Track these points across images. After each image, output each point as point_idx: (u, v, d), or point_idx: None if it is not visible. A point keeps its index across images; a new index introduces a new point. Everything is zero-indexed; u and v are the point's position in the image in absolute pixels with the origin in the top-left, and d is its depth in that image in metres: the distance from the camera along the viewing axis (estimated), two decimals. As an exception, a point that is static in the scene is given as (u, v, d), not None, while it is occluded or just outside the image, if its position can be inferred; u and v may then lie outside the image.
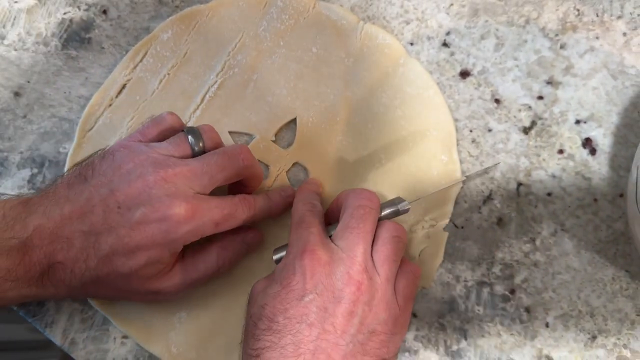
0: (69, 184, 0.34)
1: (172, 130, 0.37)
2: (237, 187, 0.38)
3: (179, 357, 0.38)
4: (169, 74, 0.42)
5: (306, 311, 0.31)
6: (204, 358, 0.37)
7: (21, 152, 0.42)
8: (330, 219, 0.37)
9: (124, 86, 0.42)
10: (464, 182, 0.40)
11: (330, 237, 0.34)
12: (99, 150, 0.35)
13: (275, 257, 0.36)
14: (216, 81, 0.42)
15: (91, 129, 0.41)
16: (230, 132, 0.41)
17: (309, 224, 0.34)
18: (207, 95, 0.42)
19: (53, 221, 0.32)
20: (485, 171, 0.40)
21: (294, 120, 0.41)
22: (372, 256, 0.33)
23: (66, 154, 0.42)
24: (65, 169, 0.41)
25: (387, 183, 0.40)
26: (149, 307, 0.38)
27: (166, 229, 0.32)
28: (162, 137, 0.36)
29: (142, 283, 0.34)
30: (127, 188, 0.32)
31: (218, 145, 0.37)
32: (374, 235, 0.34)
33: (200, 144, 0.35)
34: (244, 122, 0.41)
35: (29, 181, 0.42)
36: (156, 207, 0.32)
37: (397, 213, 0.36)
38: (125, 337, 0.39)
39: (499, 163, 0.40)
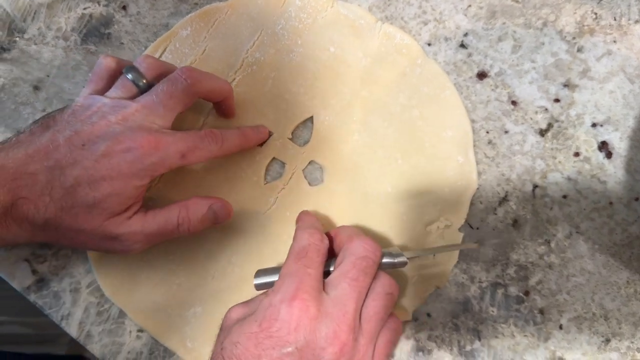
0: (32, 132, 0.35)
1: (111, 71, 0.37)
2: (219, 113, 0.41)
3: (193, 352, 0.38)
4: (187, 70, 0.42)
5: None
6: (218, 353, 0.38)
7: (39, 146, 0.42)
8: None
9: (142, 82, 0.42)
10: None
11: (324, 272, 0.33)
12: (55, 110, 0.36)
13: (256, 281, 0.35)
14: (234, 78, 0.42)
15: (109, 123, 0.42)
16: (247, 129, 0.41)
17: (308, 262, 0.33)
18: (225, 92, 0.42)
19: (16, 161, 0.33)
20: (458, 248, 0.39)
21: (310, 119, 0.42)
22: (360, 308, 0.32)
23: (84, 148, 0.42)
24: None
25: (402, 183, 0.40)
26: (165, 301, 0.39)
27: (131, 160, 0.33)
28: (108, 83, 0.37)
29: (102, 221, 0.34)
30: (90, 127, 0.34)
31: (160, 70, 0.37)
32: None
33: (144, 80, 0.37)
34: (261, 120, 0.41)
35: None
36: (120, 139, 0.33)
37: (393, 266, 0.35)
38: (140, 330, 0.39)
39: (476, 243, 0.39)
